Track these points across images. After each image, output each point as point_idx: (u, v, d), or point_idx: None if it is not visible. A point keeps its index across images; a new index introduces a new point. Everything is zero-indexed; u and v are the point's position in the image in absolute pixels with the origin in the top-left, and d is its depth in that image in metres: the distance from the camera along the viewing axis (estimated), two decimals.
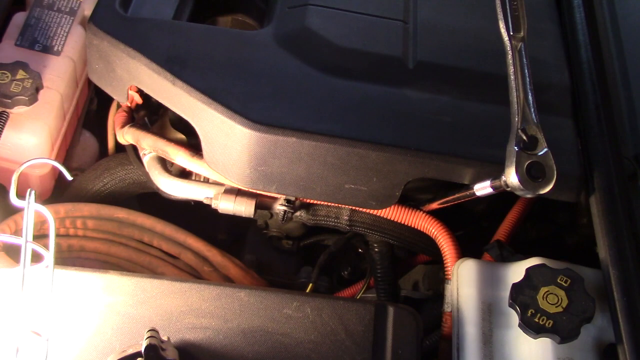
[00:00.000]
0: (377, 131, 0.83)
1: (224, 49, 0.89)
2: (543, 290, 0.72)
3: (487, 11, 0.85)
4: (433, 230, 0.89)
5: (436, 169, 0.82)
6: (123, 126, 0.96)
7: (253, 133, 0.79)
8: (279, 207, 0.91)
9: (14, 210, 0.92)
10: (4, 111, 0.91)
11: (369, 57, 0.90)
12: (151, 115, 1.01)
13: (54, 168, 1.01)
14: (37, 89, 0.93)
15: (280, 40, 0.91)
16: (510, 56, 0.78)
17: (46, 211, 0.71)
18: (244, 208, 0.91)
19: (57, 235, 0.95)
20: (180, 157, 0.90)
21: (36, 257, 0.71)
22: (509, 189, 0.74)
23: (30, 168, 0.94)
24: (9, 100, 0.91)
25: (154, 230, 0.97)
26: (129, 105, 0.97)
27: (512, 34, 0.78)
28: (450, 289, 0.82)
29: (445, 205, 0.89)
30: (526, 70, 0.77)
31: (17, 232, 0.92)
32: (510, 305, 0.73)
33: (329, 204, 0.93)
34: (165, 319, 0.75)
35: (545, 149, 0.73)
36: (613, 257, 0.76)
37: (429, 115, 0.86)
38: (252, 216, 0.92)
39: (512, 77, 0.77)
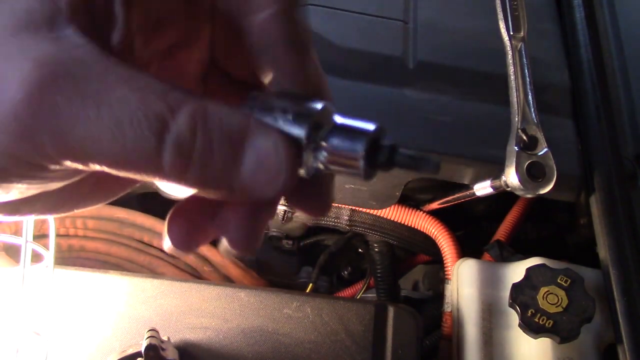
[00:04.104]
0: None
1: None
2: (543, 290, 0.72)
3: (487, 11, 0.85)
4: (433, 230, 0.89)
5: None
6: None
7: None
8: (279, 207, 0.91)
9: None
10: None
11: (369, 57, 0.90)
12: None
13: None
14: None
15: None
16: (510, 56, 0.78)
17: None
18: None
19: (57, 235, 0.95)
20: None
21: (36, 257, 0.71)
22: (509, 189, 0.74)
23: None
24: None
25: (154, 230, 0.97)
26: None
27: (512, 34, 0.78)
28: (450, 289, 0.82)
29: (445, 205, 0.89)
30: (526, 70, 0.77)
31: (17, 232, 0.92)
32: (510, 305, 0.73)
33: None
34: (165, 319, 0.75)
35: (545, 149, 0.73)
36: (613, 257, 0.76)
37: (429, 115, 0.86)
38: None
39: (512, 77, 0.77)
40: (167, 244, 0.35)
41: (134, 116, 0.29)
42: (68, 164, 0.31)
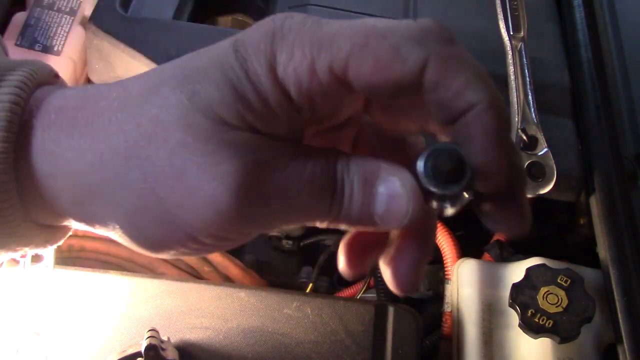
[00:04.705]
0: None
1: None
2: (543, 290, 0.72)
3: (487, 11, 0.85)
4: None
5: None
6: None
7: None
8: None
9: None
10: None
11: None
12: None
13: None
14: None
15: None
16: (510, 56, 0.78)
17: None
18: None
19: None
20: None
21: (36, 257, 0.71)
22: None
23: None
24: None
25: None
26: None
27: (512, 34, 0.79)
28: (450, 289, 0.82)
29: None
30: (526, 70, 0.77)
31: None
32: (510, 305, 0.73)
33: None
34: (165, 319, 0.75)
35: (546, 149, 0.73)
36: (613, 257, 0.76)
37: None
38: None
39: (512, 77, 0.77)
40: (341, 264, 0.45)
41: (314, 184, 0.38)
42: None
